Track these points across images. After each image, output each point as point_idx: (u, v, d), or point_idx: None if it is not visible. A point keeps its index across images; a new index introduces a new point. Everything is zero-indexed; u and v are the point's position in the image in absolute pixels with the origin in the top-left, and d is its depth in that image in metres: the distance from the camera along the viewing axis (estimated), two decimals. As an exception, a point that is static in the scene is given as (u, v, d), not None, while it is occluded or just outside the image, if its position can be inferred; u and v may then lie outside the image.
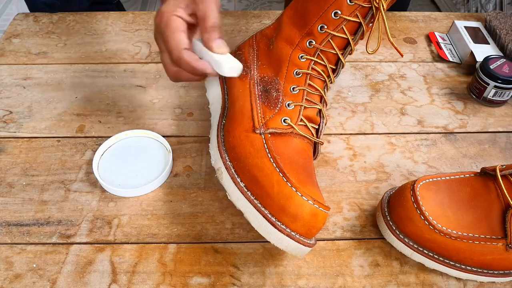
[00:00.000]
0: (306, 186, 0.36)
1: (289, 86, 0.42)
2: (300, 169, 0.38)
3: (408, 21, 0.71)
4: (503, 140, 0.52)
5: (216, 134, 0.42)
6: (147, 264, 0.40)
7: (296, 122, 0.40)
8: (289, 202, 0.35)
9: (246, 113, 0.41)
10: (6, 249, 0.41)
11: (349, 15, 0.39)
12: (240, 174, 0.38)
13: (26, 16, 0.70)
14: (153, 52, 0.63)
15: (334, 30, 0.40)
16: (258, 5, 1.73)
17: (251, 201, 0.36)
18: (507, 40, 0.60)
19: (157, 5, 1.74)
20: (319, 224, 0.36)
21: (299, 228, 0.35)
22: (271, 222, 0.35)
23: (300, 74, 0.42)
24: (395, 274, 0.40)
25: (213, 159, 0.41)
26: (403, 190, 0.40)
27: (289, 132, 0.40)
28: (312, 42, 0.41)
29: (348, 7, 0.39)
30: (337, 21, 0.40)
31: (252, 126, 0.40)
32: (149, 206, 0.45)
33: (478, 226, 0.37)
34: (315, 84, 0.42)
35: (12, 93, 0.57)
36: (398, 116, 0.55)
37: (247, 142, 0.39)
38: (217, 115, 0.45)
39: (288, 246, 0.35)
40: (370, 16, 0.40)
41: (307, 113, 0.41)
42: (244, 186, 0.37)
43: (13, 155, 0.49)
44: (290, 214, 0.35)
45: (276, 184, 0.36)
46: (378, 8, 0.38)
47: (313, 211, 0.35)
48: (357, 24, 0.40)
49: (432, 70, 0.62)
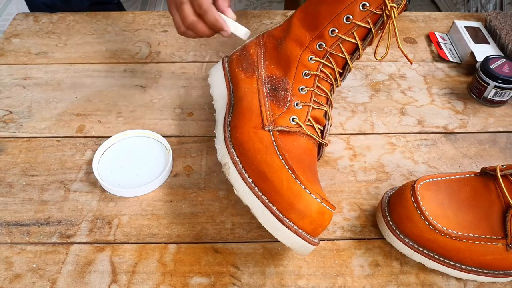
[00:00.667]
0: (313, 184, 0.37)
1: (297, 86, 0.42)
2: (307, 168, 0.38)
3: (408, 21, 0.71)
4: (503, 140, 0.52)
5: (223, 130, 0.42)
6: (147, 264, 0.40)
7: (304, 121, 0.41)
8: (298, 199, 0.35)
9: (255, 110, 0.41)
10: (6, 249, 0.41)
11: (360, 20, 0.40)
12: (248, 170, 0.38)
13: (26, 16, 0.70)
14: (153, 52, 0.63)
15: (345, 35, 0.41)
16: (258, 5, 1.73)
17: (258, 197, 0.36)
18: (507, 40, 0.60)
19: (157, 5, 1.74)
20: (325, 223, 0.36)
21: (306, 226, 0.35)
22: (279, 219, 0.35)
23: (309, 75, 0.42)
24: (395, 274, 0.40)
25: (220, 154, 0.41)
26: (403, 190, 0.40)
27: (297, 131, 0.40)
28: (322, 44, 0.42)
29: (360, 13, 0.40)
30: (348, 26, 0.41)
31: (261, 123, 0.40)
32: (149, 206, 0.45)
33: (478, 226, 0.37)
34: (322, 86, 0.43)
35: (12, 93, 0.57)
36: (398, 116, 0.55)
37: (255, 138, 0.39)
38: (222, 111, 0.45)
39: (295, 243, 0.35)
40: (380, 23, 0.40)
41: (314, 114, 0.42)
42: (252, 181, 0.37)
43: (13, 155, 0.49)
44: (299, 211, 0.35)
45: (285, 181, 0.36)
46: (390, 16, 0.39)
47: (320, 209, 0.35)
48: (366, 30, 0.41)
49: (432, 70, 0.62)
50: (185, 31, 0.48)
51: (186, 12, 0.46)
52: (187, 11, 0.46)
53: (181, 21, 0.47)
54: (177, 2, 0.46)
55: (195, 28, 0.47)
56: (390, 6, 0.39)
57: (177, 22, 0.48)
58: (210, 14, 0.45)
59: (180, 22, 0.47)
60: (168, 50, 0.64)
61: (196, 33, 0.47)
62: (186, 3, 0.46)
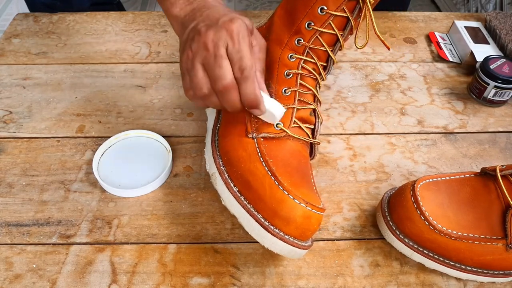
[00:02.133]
0: (299, 188, 0.36)
1: (280, 89, 0.41)
2: (294, 171, 0.38)
3: (408, 21, 0.71)
4: (503, 140, 0.52)
5: (211, 139, 0.42)
6: (147, 264, 0.40)
7: (289, 125, 0.40)
8: (281, 205, 0.35)
9: (240, 117, 0.40)
10: (6, 249, 0.41)
11: (335, 10, 0.39)
12: (234, 179, 0.38)
13: (26, 16, 0.70)
14: (153, 52, 0.63)
15: (322, 27, 0.39)
16: (258, 5, 1.73)
17: (243, 206, 0.36)
18: (507, 40, 0.60)
19: (157, 5, 1.74)
20: (313, 227, 0.35)
21: (292, 231, 0.35)
22: (264, 226, 0.35)
23: (291, 74, 0.41)
24: (395, 274, 0.40)
25: (208, 164, 0.41)
26: (403, 190, 0.40)
27: (282, 136, 0.40)
28: (300, 40, 0.40)
29: (334, 2, 0.38)
30: (323, 17, 0.39)
31: (245, 131, 0.39)
32: (149, 206, 0.45)
33: (478, 226, 0.37)
34: (306, 83, 0.41)
35: (12, 93, 0.57)
36: (398, 116, 0.55)
37: (239, 147, 0.38)
38: (212, 119, 0.45)
39: (282, 249, 0.35)
40: (357, 11, 0.39)
41: (300, 114, 0.41)
42: (238, 191, 0.37)
43: (13, 155, 0.49)
44: (283, 217, 0.35)
45: (268, 188, 0.35)
46: (365, 1, 0.38)
47: (305, 214, 0.35)
48: (345, 20, 0.39)
49: (432, 70, 0.62)
50: (207, 95, 0.35)
51: (224, 70, 0.33)
52: (225, 70, 0.33)
53: (210, 81, 0.35)
54: (208, 50, 0.34)
55: (226, 96, 0.35)
56: None
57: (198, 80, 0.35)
58: (250, 84, 0.33)
59: (204, 81, 0.35)
60: (168, 50, 0.64)
61: (223, 102, 0.36)
62: (224, 59, 0.34)
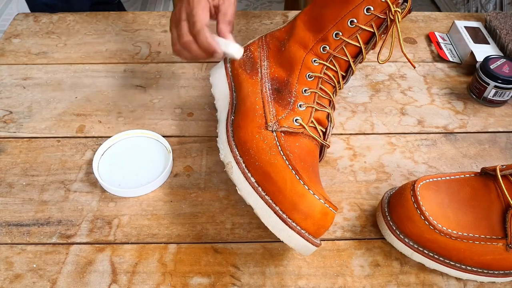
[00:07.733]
0: (316, 185, 0.37)
1: (301, 88, 0.42)
2: (310, 169, 0.38)
3: (408, 21, 0.71)
4: (503, 140, 0.52)
5: (226, 129, 0.42)
6: (147, 264, 0.40)
7: (308, 122, 0.41)
8: (301, 199, 0.35)
9: (259, 110, 0.41)
10: (6, 249, 0.41)
11: (364, 24, 0.41)
12: (251, 170, 0.38)
13: (26, 16, 0.70)
14: (153, 52, 0.63)
15: (349, 38, 0.41)
16: (258, 5, 1.73)
17: (262, 197, 0.36)
18: (507, 40, 0.60)
19: (157, 5, 1.74)
20: (328, 224, 0.36)
21: (309, 227, 0.35)
22: (282, 219, 0.35)
23: (313, 77, 0.43)
24: (395, 274, 0.40)
25: (222, 153, 0.41)
26: (403, 190, 0.40)
27: (300, 132, 0.40)
28: (326, 47, 0.42)
29: (365, 16, 0.40)
30: (352, 29, 0.41)
31: (265, 123, 0.40)
32: (149, 206, 0.45)
33: (478, 226, 0.37)
34: (326, 88, 0.43)
35: (12, 93, 0.57)
36: (398, 116, 0.55)
37: (259, 138, 0.39)
38: (224, 111, 0.45)
39: (298, 244, 0.35)
40: (384, 27, 0.41)
41: (317, 115, 0.42)
42: (255, 181, 0.37)
43: (13, 155, 0.49)
44: (302, 211, 0.35)
45: (289, 181, 0.36)
46: (394, 20, 0.39)
47: (323, 210, 0.35)
48: (370, 34, 0.41)
49: (432, 70, 0.62)
50: (180, 50, 0.46)
51: (182, 31, 0.44)
52: (183, 30, 0.44)
53: (177, 39, 0.46)
54: (176, 18, 0.46)
55: (189, 48, 0.45)
56: (394, 10, 0.39)
57: (173, 39, 0.47)
58: (202, 35, 0.43)
59: (176, 40, 0.46)
60: (168, 50, 0.64)
61: (190, 53, 0.46)
62: (183, 21, 0.44)
